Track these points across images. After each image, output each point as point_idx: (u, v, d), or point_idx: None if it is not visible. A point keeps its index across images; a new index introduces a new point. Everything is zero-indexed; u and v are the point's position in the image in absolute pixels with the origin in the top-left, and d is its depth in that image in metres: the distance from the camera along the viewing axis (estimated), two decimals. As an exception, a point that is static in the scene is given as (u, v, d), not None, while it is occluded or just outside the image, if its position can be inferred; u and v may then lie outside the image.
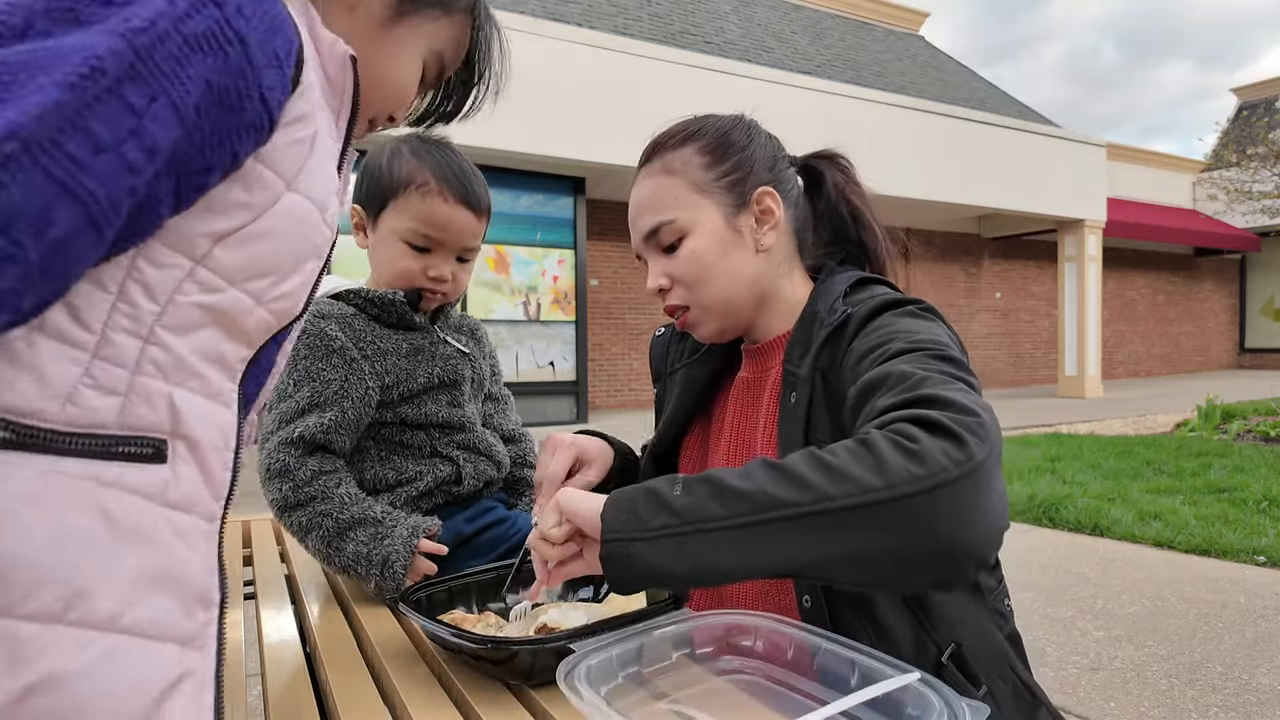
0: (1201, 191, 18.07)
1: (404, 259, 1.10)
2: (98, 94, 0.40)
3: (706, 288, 0.95)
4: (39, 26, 0.41)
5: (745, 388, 1.03)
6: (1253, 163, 12.94)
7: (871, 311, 0.86)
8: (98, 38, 0.41)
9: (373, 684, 0.77)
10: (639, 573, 0.66)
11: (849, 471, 0.62)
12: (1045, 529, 4.31)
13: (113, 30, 0.42)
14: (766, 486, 0.64)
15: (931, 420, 0.64)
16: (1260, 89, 20.93)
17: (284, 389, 1.05)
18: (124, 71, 0.41)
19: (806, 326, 0.91)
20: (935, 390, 0.68)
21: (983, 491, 0.61)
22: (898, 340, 0.79)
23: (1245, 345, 19.48)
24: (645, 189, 0.97)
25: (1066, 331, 12.41)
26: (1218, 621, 2.89)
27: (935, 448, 0.61)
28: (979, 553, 0.61)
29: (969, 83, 14.61)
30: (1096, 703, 2.27)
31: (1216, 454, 6.10)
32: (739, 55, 10.73)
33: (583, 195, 9.08)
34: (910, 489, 0.60)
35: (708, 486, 0.66)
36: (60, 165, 0.39)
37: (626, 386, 10.89)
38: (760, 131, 1.01)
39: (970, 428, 0.63)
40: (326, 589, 1.11)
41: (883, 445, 0.63)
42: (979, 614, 0.88)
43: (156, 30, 0.43)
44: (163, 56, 0.43)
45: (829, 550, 0.62)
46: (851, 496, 0.61)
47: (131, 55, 0.42)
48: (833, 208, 1.03)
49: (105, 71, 0.41)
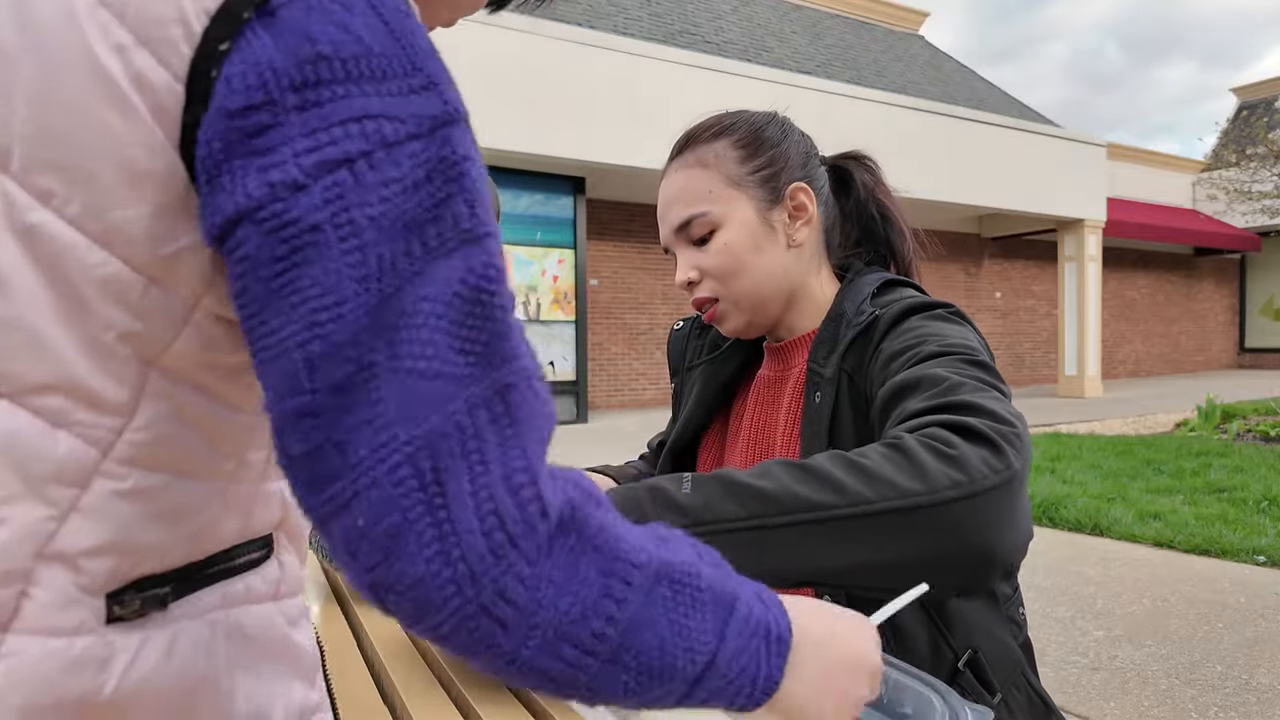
0: (1201, 191, 18.07)
1: None
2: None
3: (737, 281, 0.94)
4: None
5: (766, 385, 1.03)
6: (1252, 163, 12.94)
7: (900, 314, 0.86)
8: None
9: (373, 684, 0.77)
10: None
11: (886, 475, 0.61)
12: (1045, 529, 4.30)
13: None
14: (793, 487, 0.62)
15: (969, 427, 0.64)
16: (1260, 89, 20.92)
17: None
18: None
19: (833, 326, 0.91)
20: (970, 397, 0.68)
21: (1017, 500, 0.62)
22: (929, 343, 0.78)
23: (1245, 345, 19.47)
24: (677, 181, 0.97)
25: (1066, 331, 12.41)
26: (1218, 621, 2.89)
27: (974, 455, 0.61)
28: (1007, 560, 0.62)
29: (969, 83, 14.61)
30: (1096, 703, 2.27)
31: (1216, 454, 6.10)
32: (739, 55, 10.73)
33: (583, 195, 9.08)
34: (952, 494, 0.60)
35: (719, 485, 0.65)
36: None
37: (626, 386, 10.89)
38: (794, 128, 1.01)
39: (1007, 437, 0.63)
40: (326, 589, 1.11)
41: (920, 450, 0.62)
42: (995, 621, 0.88)
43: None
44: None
45: (860, 555, 0.61)
46: (889, 500, 0.60)
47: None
48: (862, 207, 1.03)
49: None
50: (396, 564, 0.34)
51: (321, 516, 0.35)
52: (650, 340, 11.00)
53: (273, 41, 0.36)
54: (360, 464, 0.34)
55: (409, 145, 0.37)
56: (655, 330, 11.04)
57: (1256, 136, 13.06)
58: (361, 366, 0.35)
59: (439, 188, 0.37)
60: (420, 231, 0.37)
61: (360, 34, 0.37)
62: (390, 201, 0.36)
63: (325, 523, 0.35)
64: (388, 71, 0.37)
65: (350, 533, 0.34)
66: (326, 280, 0.35)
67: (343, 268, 0.35)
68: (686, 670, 0.40)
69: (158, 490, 0.41)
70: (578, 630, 0.37)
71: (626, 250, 10.78)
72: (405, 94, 0.38)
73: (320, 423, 0.35)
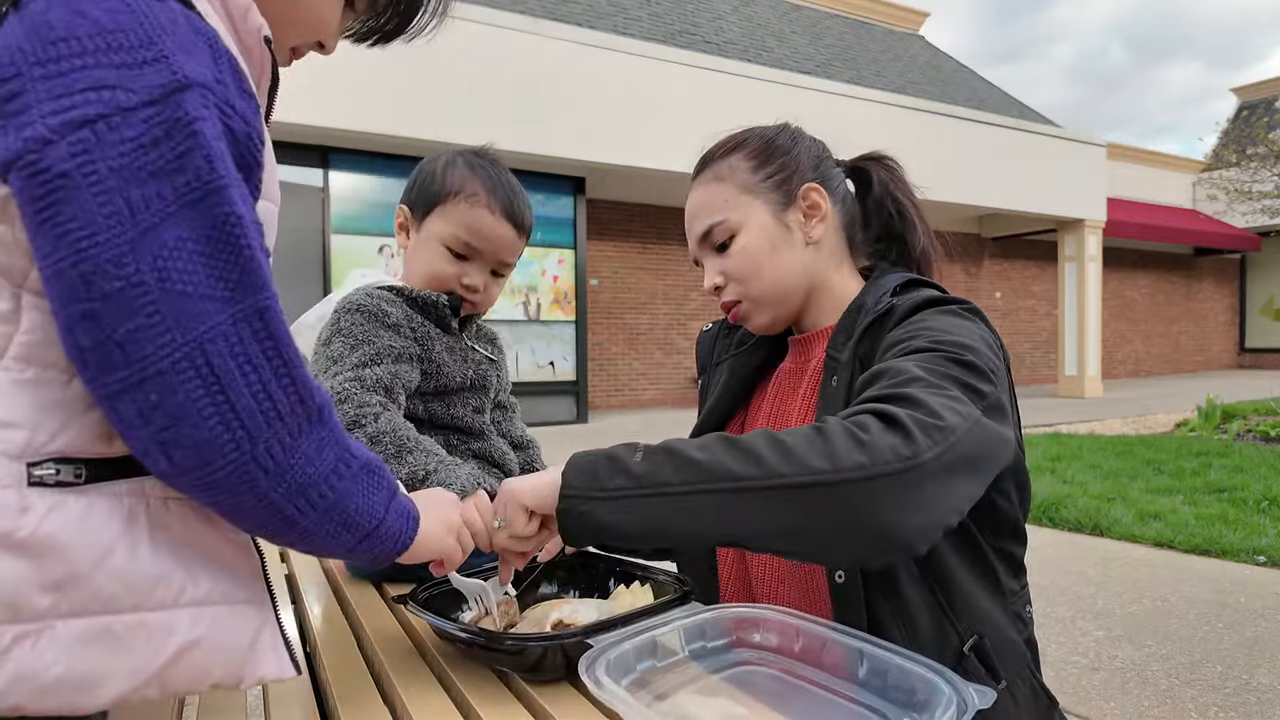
0: (1201, 191, 18.07)
1: (442, 263, 1.14)
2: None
3: (757, 281, 1.00)
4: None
5: (787, 376, 1.06)
6: (1253, 163, 12.94)
7: (915, 306, 0.89)
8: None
9: (373, 684, 0.77)
10: (591, 528, 0.72)
11: (800, 453, 0.67)
12: (1045, 529, 4.30)
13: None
14: (723, 459, 0.69)
15: (889, 415, 0.69)
16: (1260, 89, 20.92)
17: (338, 353, 1.04)
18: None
19: (852, 316, 0.95)
20: (913, 390, 0.72)
21: (922, 489, 0.66)
22: (922, 337, 0.82)
23: (1245, 345, 19.47)
24: (698, 196, 1.04)
25: (1066, 331, 12.41)
26: (1218, 621, 2.89)
27: (884, 441, 0.67)
28: (907, 542, 0.67)
29: (969, 83, 14.61)
30: (1096, 703, 2.27)
31: (1216, 454, 6.10)
32: (739, 55, 10.72)
33: (583, 195, 9.08)
34: (852, 475, 0.65)
35: (666, 455, 0.72)
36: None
37: (626, 386, 10.89)
38: (804, 136, 1.06)
39: (927, 428, 0.67)
40: (327, 589, 1.11)
41: (838, 433, 0.68)
42: (1001, 614, 0.90)
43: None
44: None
45: (770, 522, 0.68)
46: (800, 475, 0.66)
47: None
48: (879, 204, 1.07)
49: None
50: (184, 429, 0.49)
51: (110, 394, 0.49)
52: (650, 340, 11.00)
53: (20, 29, 0.48)
54: (147, 358, 0.48)
55: (143, 111, 0.49)
56: (655, 330, 11.04)
57: (1257, 136, 13.06)
58: (132, 284, 0.47)
59: (178, 143, 0.49)
60: (168, 179, 0.49)
61: (97, 17, 0.49)
62: (128, 155, 0.48)
63: (114, 398, 0.49)
64: (124, 46, 0.49)
65: (144, 405, 0.49)
66: (83, 215, 0.47)
67: (94, 206, 0.47)
68: (364, 528, 0.61)
69: (55, 384, 0.53)
70: (311, 490, 0.55)
71: (626, 250, 10.78)
72: (139, 65, 0.49)
73: (100, 324, 0.48)
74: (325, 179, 7.60)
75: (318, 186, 7.57)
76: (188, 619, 0.56)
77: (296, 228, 7.34)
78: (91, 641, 0.52)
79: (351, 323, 1.06)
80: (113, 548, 0.53)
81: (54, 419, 0.52)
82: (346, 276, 1.23)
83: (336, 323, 1.07)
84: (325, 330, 1.09)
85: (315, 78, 6.46)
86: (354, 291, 1.12)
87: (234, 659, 0.59)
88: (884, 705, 0.64)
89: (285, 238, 7.09)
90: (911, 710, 0.62)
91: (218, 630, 0.58)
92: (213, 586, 0.58)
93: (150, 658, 0.54)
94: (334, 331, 1.07)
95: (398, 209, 1.19)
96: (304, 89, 6.30)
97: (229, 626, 0.59)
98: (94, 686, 0.52)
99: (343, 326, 1.06)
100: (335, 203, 7.63)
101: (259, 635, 0.61)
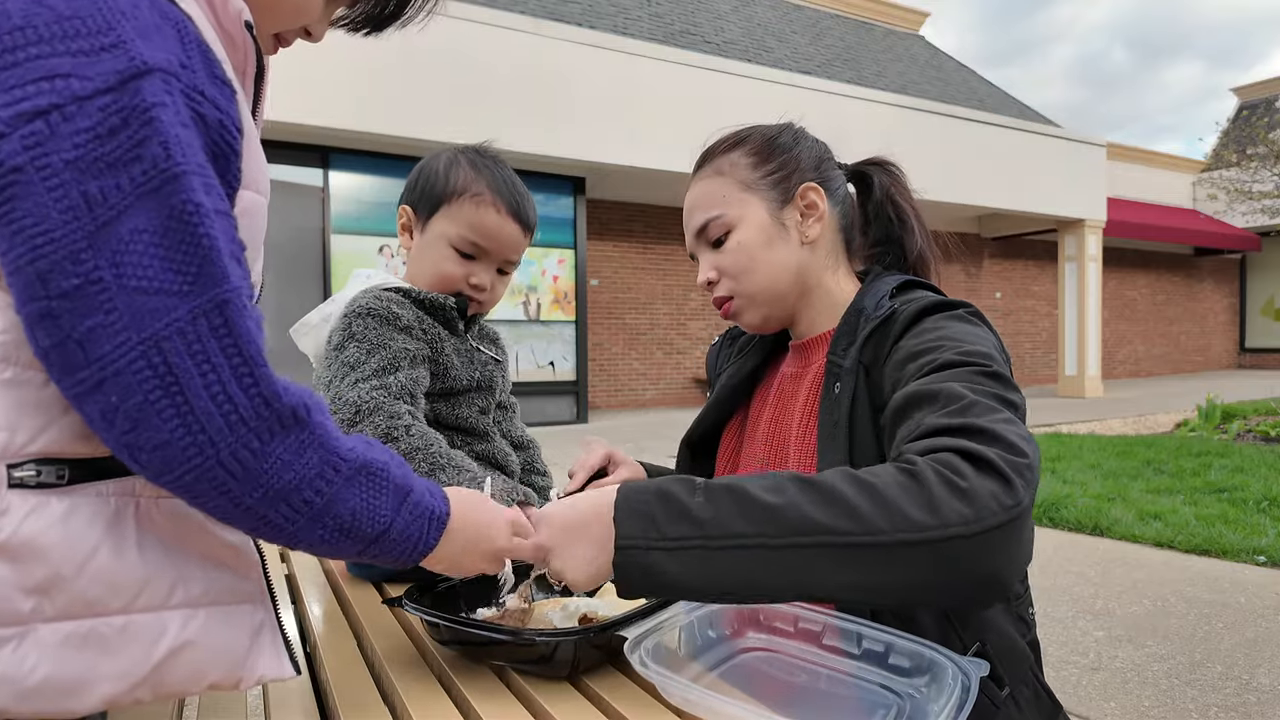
0: (1201, 191, 18.05)
1: (449, 263, 1.14)
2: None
3: (750, 277, 1.00)
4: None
5: (788, 381, 1.06)
6: (1253, 163, 12.92)
7: (920, 311, 0.88)
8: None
9: (373, 684, 0.77)
10: (657, 582, 0.64)
11: (898, 504, 0.62)
12: (1045, 529, 4.30)
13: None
14: (804, 508, 0.63)
15: (978, 455, 0.64)
16: (1260, 89, 20.90)
17: (354, 359, 1.04)
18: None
19: (852, 321, 0.94)
20: (985, 421, 0.68)
21: (1023, 532, 0.63)
22: (947, 349, 0.79)
23: (1245, 345, 19.47)
24: (696, 190, 1.04)
25: (1066, 331, 12.41)
26: (1218, 621, 2.89)
27: (985, 489, 0.62)
28: (1010, 585, 0.64)
29: (969, 83, 14.60)
30: (1096, 703, 2.27)
31: (1216, 454, 6.09)
32: (739, 55, 10.72)
33: (583, 195, 9.08)
34: (961, 531, 0.61)
35: (731, 497, 0.65)
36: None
37: (626, 386, 10.89)
38: (807, 136, 1.06)
39: (1019, 469, 0.64)
40: (327, 589, 1.11)
41: (933, 480, 0.63)
42: (1004, 619, 0.90)
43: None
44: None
45: (861, 578, 0.62)
46: (902, 532, 0.61)
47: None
48: (880, 209, 1.06)
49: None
50: (145, 432, 0.48)
51: (75, 395, 0.48)
52: (650, 340, 11.00)
53: None
54: (104, 357, 0.46)
55: (99, 99, 0.46)
56: (655, 330, 11.04)
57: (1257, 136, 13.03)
58: (89, 280, 0.46)
59: (135, 132, 0.47)
60: (125, 170, 0.47)
61: (55, 4, 0.47)
62: (84, 147, 0.46)
63: (80, 400, 0.48)
64: (79, 32, 0.47)
65: (105, 407, 0.47)
66: (37, 212, 0.45)
67: (49, 202, 0.45)
68: (368, 533, 0.58)
69: (33, 384, 0.51)
70: (293, 495, 0.53)
71: (626, 250, 10.78)
72: (95, 52, 0.47)
73: (59, 323, 0.46)
74: (325, 179, 7.60)
75: (318, 186, 7.57)
76: (180, 620, 0.55)
77: (296, 228, 7.33)
78: (77, 644, 0.51)
79: (364, 327, 1.06)
80: (97, 549, 0.52)
81: (34, 420, 0.51)
82: (351, 276, 1.23)
83: (348, 327, 1.06)
84: (335, 334, 1.08)
85: (315, 78, 6.47)
86: (361, 293, 1.11)
87: (232, 660, 0.58)
88: (890, 678, 0.69)
89: (285, 238, 7.13)
90: (917, 675, 0.68)
91: (213, 631, 0.57)
92: (207, 587, 0.57)
93: (140, 660, 0.53)
94: (346, 336, 1.06)
95: (400, 209, 1.19)
96: (304, 89, 6.30)
97: (226, 627, 0.58)
98: (81, 690, 0.51)
99: (355, 331, 1.06)
100: (335, 203, 7.63)
101: (258, 635, 0.60)
